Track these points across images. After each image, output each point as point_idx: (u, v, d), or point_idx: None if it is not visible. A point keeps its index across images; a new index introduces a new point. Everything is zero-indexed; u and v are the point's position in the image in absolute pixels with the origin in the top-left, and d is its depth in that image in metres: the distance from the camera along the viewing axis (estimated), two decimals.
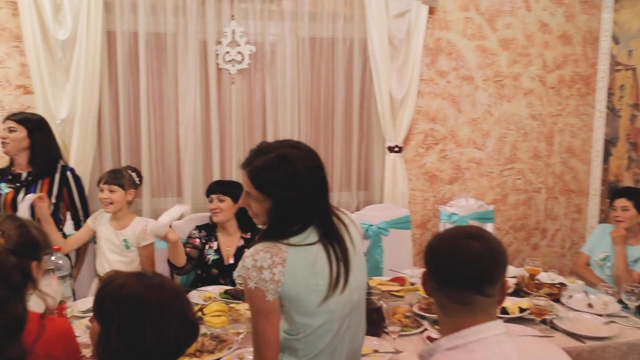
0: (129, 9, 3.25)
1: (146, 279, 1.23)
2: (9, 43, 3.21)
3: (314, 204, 1.49)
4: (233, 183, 2.92)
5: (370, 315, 1.95)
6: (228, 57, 3.41)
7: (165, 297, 1.20)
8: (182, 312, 1.23)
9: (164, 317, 1.18)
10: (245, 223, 2.82)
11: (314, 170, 1.50)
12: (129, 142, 3.35)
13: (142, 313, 1.16)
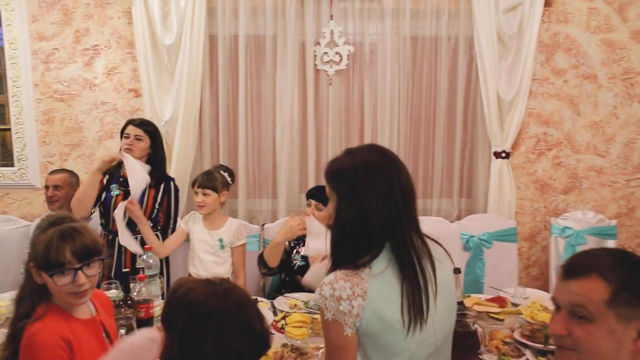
0: (230, 13, 3.32)
1: (212, 286, 1.16)
2: (123, 50, 3.41)
3: (377, 212, 1.33)
4: None
5: (462, 339, 1.77)
6: (326, 58, 3.35)
7: (229, 306, 1.13)
8: (247, 324, 1.14)
9: (225, 328, 1.10)
10: None
11: (376, 171, 1.35)
12: (227, 143, 3.42)
13: (202, 322, 1.10)
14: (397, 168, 1.38)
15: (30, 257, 1.46)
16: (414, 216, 1.39)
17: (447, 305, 1.42)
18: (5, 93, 3.44)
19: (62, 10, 3.38)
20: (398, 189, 1.34)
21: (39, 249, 1.42)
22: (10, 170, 3.52)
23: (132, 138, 2.71)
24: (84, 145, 3.50)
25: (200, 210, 2.67)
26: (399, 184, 1.35)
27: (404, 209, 1.34)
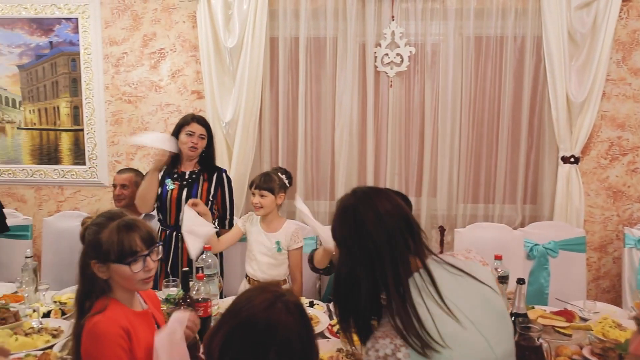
0: (292, 15, 3.34)
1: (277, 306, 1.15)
2: (187, 53, 3.51)
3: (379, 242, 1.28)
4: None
5: (526, 354, 1.69)
6: (387, 60, 3.31)
7: (285, 319, 1.13)
8: (299, 332, 1.14)
9: (286, 342, 1.10)
10: None
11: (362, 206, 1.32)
12: (286, 144, 3.44)
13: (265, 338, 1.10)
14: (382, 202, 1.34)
15: (88, 255, 1.50)
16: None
17: (492, 317, 1.33)
18: (79, 95, 3.62)
19: (131, 16, 3.52)
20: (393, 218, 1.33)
21: (108, 243, 1.47)
22: (82, 169, 3.70)
23: (196, 136, 2.75)
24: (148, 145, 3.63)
25: (257, 212, 2.68)
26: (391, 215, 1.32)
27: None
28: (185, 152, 2.75)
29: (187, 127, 2.74)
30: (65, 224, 3.31)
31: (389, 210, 1.32)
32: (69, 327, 2.05)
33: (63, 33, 3.58)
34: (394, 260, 1.27)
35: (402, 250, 1.29)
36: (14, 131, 3.75)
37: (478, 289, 1.35)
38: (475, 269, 1.39)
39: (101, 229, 1.49)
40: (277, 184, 2.66)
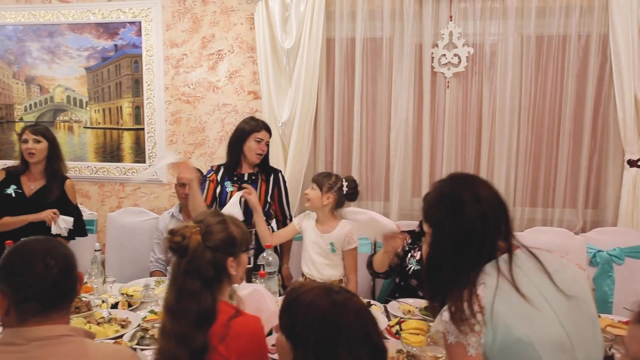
0: (348, 16, 3.35)
1: (332, 295, 1.17)
2: (245, 54, 3.58)
3: (472, 228, 1.34)
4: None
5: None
6: (444, 60, 3.27)
7: (352, 316, 1.14)
8: (367, 334, 1.15)
9: (354, 338, 1.12)
10: None
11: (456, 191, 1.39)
12: (341, 145, 3.45)
13: (334, 334, 1.11)
14: (482, 187, 1.41)
15: (222, 253, 1.46)
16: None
17: (582, 317, 1.32)
18: (141, 96, 3.75)
19: (191, 18, 3.62)
20: (491, 205, 1.38)
21: (240, 236, 1.50)
22: (142, 167, 3.83)
23: (264, 143, 2.79)
24: (206, 145, 3.72)
25: (306, 204, 2.71)
26: (491, 203, 1.38)
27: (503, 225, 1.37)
28: (251, 158, 2.79)
29: (258, 135, 2.78)
30: (127, 219, 3.45)
31: (487, 195, 1.38)
32: (135, 319, 2.13)
33: (127, 36, 3.72)
34: (481, 243, 1.33)
35: (492, 234, 1.35)
36: (80, 130, 3.93)
37: (567, 286, 1.34)
38: (571, 270, 1.39)
39: (226, 225, 1.49)
40: (328, 183, 2.64)
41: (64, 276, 1.26)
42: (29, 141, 2.89)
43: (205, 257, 1.39)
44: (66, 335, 1.25)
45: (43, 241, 1.31)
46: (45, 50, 3.88)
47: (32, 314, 1.23)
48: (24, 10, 3.83)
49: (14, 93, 3.99)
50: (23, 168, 2.96)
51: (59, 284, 1.25)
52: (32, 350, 1.20)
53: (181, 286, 1.39)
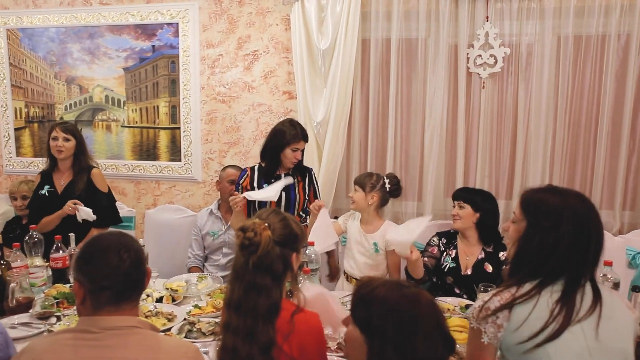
0: (384, 17, 3.37)
1: (404, 289, 1.21)
2: (280, 55, 3.62)
3: (565, 249, 1.39)
4: (477, 191, 2.75)
5: None
6: (479, 61, 3.27)
7: (425, 309, 1.17)
8: (439, 325, 1.18)
9: (431, 331, 1.16)
10: (487, 235, 2.65)
11: (583, 215, 1.41)
12: (375, 144, 3.47)
13: (412, 327, 1.15)
14: (598, 220, 1.43)
15: (288, 249, 1.50)
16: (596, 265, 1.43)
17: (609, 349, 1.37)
18: (177, 95, 3.82)
19: (228, 19, 3.68)
20: (594, 239, 1.40)
21: (300, 232, 1.55)
22: (178, 165, 3.91)
23: (300, 152, 2.81)
24: (240, 144, 3.78)
25: (351, 206, 2.73)
26: (596, 235, 1.41)
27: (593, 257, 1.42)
28: (286, 164, 2.82)
29: (295, 145, 2.78)
30: (164, 216, 3.53)
31: (597, 221, 1.43)
32: (180, 313, 2.18)
33: (164, 37, 3.80)
34: (564, 259, 1.39)
35: (576, 261, 1.40)
36: (118, 129, 4.02)
37: (610, 337, 1.38)
38: (623, 321, 1.43)
39: (287, 222, 1.53)
40: (370, 183, 2.66)
41: (135, 269, 1.31)
42: (59, 139, 2.97)
43: (274, 252, 1.43)
44: (136, 326, 1.31)
45: (117, 235, 1.38)
46: (85, 51, 3.98)
47: (106, 304, 1.29)
48: (67, 13, 3.94)
49: (55, 93, 4.11)
50: (52, 165, 3.05)
51: (131, 275, 1.31)
52: (106, 338, 1.26)
53: (250, 282, 1.41)
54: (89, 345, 1.26)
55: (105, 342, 1.26)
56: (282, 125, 2.83)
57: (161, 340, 1.34)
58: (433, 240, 2.77)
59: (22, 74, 4.14)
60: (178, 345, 1.38)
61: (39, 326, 2.03)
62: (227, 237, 3.12)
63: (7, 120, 4.22)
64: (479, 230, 2.65)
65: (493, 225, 2.64)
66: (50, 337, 1.37)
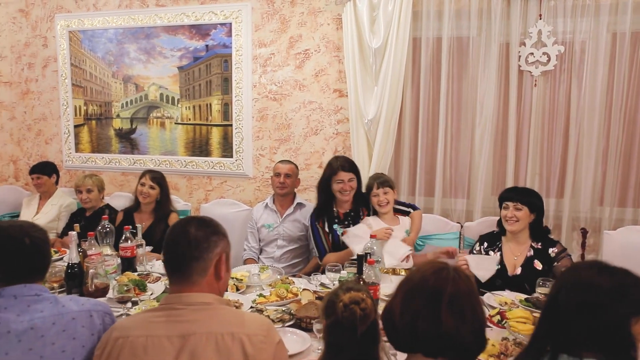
0: (435, 16, 3.41)
1: (444, 272, 1.27)
2: (331, 53, 3.70)
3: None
4: (528, 191, 2.75)
5: None
6: (532, 59, 3.28)
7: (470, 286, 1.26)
8: (467, 290, 1.25)
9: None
10: (538, 232, 2.67)
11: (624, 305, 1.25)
12: (425, 142, 3.52)
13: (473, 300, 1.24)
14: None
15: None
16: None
17: None
18: (229, 93, 3.95)
19: (280, 19, 3.78)
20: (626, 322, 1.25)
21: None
22: (229, 161, 4.03)
23: (346, 183, 2.92)
24: (291, 141, 3.87)
25: (385, 208, 2.87)
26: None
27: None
28: (338, 198, 2.95)
29: (337, 177, 2.90)
30: (218, 210, 3.65)
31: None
32: (246, 301, 2.28)
33: (218, 37, 3.93)
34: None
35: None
36: (171, 126, 4.17)
37: None
38: None
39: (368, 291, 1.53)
40: (391, 180, 2.89)
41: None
42: (146, 185, 3.22)
43: (376, 320, 1.44)
44: (214, 303, 1.43)
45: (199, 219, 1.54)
46: (141, 51, 4.15)
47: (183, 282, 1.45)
48: (125, 14, 4.11)
49: (113, 91, 4.28)
50: (136, 206, 3.30)
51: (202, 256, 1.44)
52: (189, 314, 1.38)
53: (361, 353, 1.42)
54: (176, 320, 1.37)
55: (189, 317, 1.38)
56: (331, 159, 3.03)
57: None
58: (475, 247, 2.81)
59: (82, 73, 4.34)
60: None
61: (118, 309, 2.16)
62: (281, 229, 3.22)
63: (68, 117, 4.42)
64: (530, 228, 2.68)
65: (541, 222, 2.69)
66: (138, 315, 1.49)
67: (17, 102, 4.60)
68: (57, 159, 4.41)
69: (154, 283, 2.54)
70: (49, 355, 1.45)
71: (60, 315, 1.49)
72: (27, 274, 1.52)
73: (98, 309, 1.57)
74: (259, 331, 1.39)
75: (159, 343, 1.34)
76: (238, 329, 1.37)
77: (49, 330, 1.46)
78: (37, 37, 4.45)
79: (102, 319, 1.56)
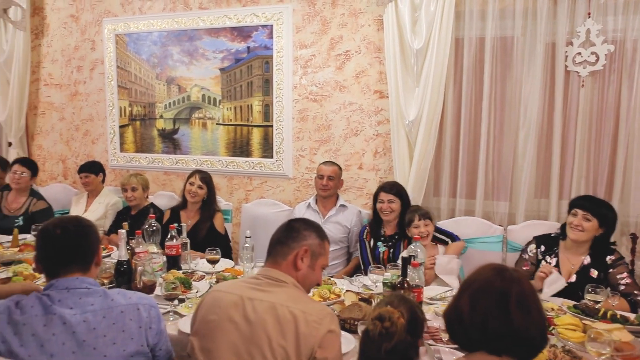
0: (478, 16, 3.36)
1: (507, 273, 1.33)
2: (372, 54, 3.70)
3: None
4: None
5: None
6: (579, 59, 3.19)
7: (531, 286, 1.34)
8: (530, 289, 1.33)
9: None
10: (601, 248, 2.56)
11: None
12: (467, 144, 3.47)
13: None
14: None
15: (417, 337, 1.54)
16: None
17: None
18: (270, 95, 3.99)
19: (320, 21, 3.80)
20: None
21: (424, 322, 1.60)
22: (270, 161, 4.07)
23: (386, 204, 3.00)
24: (331, 142, 3.89)
25: (425, 241, 2.85)
26: None
27: None
28: (382, 217, 3.04)
29: (378, 197, 3.05)
30: (260, 210, 3.70)
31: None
32: None
33: (259, 39, 3.97)
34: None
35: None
36: (213, 126, 4.25)
37: None
38: None
39: (415, 310, 1.57)
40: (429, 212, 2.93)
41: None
42: (194, 185, 3.33)
43: (407, 341, 1.47)
44: (289, 284, 1.64)
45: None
46: (184, 53, 4.24)
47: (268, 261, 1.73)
48: (169, 17, 4.21)
49: (156, 93, 4.39)
50: (183, 204, 3.42)
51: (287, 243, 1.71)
52: (265, 285, 1.64)
53: None
54: (254, 287, 1.64)
55: (264, 288, 1.63)
56: None
57: (310, 299, 1.69)
58: (530, 249, 2.74)
59: (127, 75, 4.46)
60: (320, 305, 1.66)
61: (165, 306, 2.21)
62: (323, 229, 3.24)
63: (113, 118, 4.56)
64: (593, 241, 2.58)
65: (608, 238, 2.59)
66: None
67: (66, 104, 4.76)
68: (103, 159, 4.55)
69: (198, 281, 2.59)
70: (101, 347, 1.52)
71: (110, 308, 1.57)
72: (81, 264, 1.62)
73: (144, 302, 1.66)
74: (315, 313, 1.54)
75: (232, 299, 1.61)
76: (298, 305, 1.56)
77: (99, 324, 1.54)
78: (85, 41, 4.60)
79: (149, 311, 1.64)
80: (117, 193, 3.91)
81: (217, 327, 1.60)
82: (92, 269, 1.67)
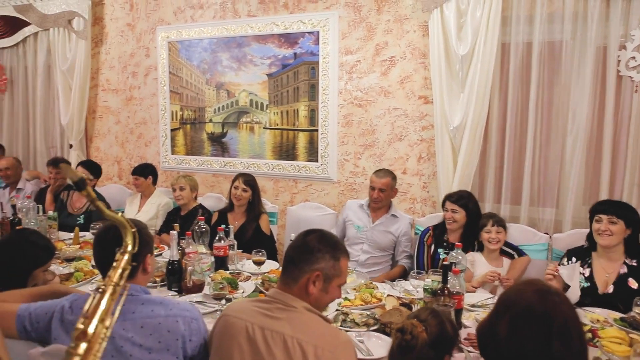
0: (525, 20, 3.32)
1: (550, 296, 1.27)
2: (416, 60, 3.71)
3: None
4: (627, 205, 2.60)
5: None
6: (633, 63, 3.11)
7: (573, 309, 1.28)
8: (573, 318, 1.27)
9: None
10: (633, 249, 2.53)
11: None
12: (512, 150, 3.44)
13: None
14: None
15: (441, 352, 1.53)
16: None
17: None
18: (316, 100, 4.07)
19: (366, 27, 3.84)
20: None
21: (453, 339, 1.56)
22: (315, 165, 4.15)
23: (449, 213, 3.04)
24: (375, 146, 3.92)
25: (495, 245, 2.88)
26: None
27: None
28: (448, 227, 3.08)
29: (446, 205, 3.07)
30: (305, 213, 3.78)
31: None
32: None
33: (306, 45, 4.06)
34: None
35: None
36: (260, 130, 4.37)
37: None
38: None
39: (444, 324, 1.54)
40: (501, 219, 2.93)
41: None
42: (239, 189, 3.45)
43: (429, 355, 1.46)
44: (300, 308, 1.56)
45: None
46: (233, 59, 4.37)
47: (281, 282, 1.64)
48: (219, 25, 4.36)
49: (206, 97, 4.55)
50: (230, 207, 3.55)
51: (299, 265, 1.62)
52: (276, 311, 1.57)
53: None
54: (264, 313, 1.57)
55: (275, 314, 1.56)
56: None
57: (322, 325, 1.56)
58: (563, 263, 2.69)
59: (179, 80, 4.65)
60: (334, 332, 1.57)
61: (213, 305, 2.32)
62: (370, 234, 3.29)
63: (165, 122, 4.76)
64: (625, 244, 2.54)
65: (637, 238, 2.54)
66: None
67: (122, 108, 5.01)
68: (155, 161, 4.75)
69: (245, 282, 2.69)
70: (137, 355, 1.58)
71: (149, 318, 1.62)
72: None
73: (185, 314, 1.67)
74: (327, 345, 1.47)
75: (242, 326, 1.55)
76: (308, 337, 1.48)
77: (137, 333, 1.59)
78: (140, 48, 4.82)
79: (189, 325, 1.66)
80: (168, 194, 4.09)
81: (227, 356, 1.56)
82: (139, 276, 1.73)
